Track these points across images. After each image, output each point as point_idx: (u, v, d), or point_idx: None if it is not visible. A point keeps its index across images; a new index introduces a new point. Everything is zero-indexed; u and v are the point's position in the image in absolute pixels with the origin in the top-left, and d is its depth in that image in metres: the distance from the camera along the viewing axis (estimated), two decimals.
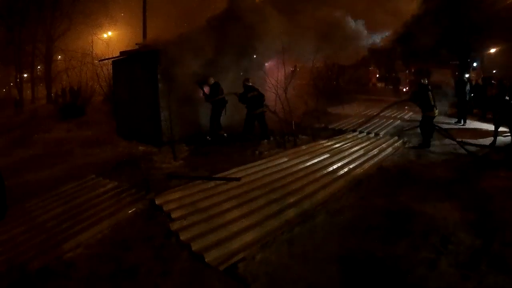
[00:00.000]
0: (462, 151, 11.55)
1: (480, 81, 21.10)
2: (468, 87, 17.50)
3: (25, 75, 43.37)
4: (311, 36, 13.70)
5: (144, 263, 5.25)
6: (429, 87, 12.63)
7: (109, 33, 42.72)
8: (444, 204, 7.19)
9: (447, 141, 12.62)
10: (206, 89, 13.17)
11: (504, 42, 26.06)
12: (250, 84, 13.23)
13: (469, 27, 24.12)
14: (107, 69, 22.24)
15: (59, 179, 9.26)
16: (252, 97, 13.05)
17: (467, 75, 18.57)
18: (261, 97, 13.23)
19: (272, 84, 12.79)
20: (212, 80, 13.09)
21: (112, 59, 16.35)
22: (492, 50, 29.99)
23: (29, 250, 5.56)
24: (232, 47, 13.42)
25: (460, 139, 12.40)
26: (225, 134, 13.30)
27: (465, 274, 4.83)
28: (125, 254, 5.50)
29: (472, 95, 18.08)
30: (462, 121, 16.89)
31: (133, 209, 7.02)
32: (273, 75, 13.51)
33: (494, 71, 28.08)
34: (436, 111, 12.56)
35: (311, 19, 13.83)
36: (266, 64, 16.26)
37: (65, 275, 4.98)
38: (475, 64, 29.53)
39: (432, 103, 12.29)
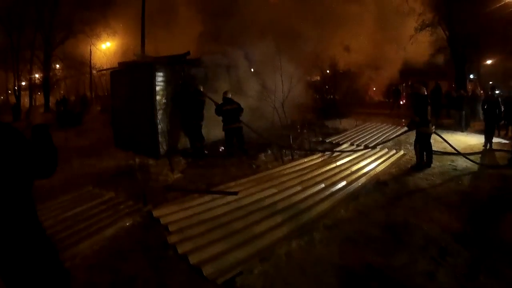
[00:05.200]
0: (462, 164, 11.57)
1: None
2: (500, 106, 15.02)
3: (24, 83, 43.37)
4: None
5: (141, 275, 5.22)
6: (428, 100, 11.39)
7: (108, 44, 42.76)
8: (443, 216, 7.24)
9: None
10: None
11: (500, 54, 26.17)
12: (229, 96, 12.85)
13: (465, 38, 24.24)
14: (105, 80, 22.25)
15: (56, 188, 9.23)
16: (226, 111, 12.63)
17: (497, 91, 17.35)
18: (237, 111, 12.74)
19: (270, 97, 12.78)
20: (200, 87, 13.07)
21: (110, 70, 16.38)
22: (489, 61, 30.12)
23: None
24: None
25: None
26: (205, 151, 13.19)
27: (464, 285, 4.83)
28: (122, 266, 5.46)
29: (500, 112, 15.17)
30: (488, 145, 14.49)
31: (130, 221, 7.01)
32: (271, 88, 13.50)
33: (490, 82, 28.19)
34: (433, 128, 11.41)
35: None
36: (264, 76, 16.29)
37: None
38: (471, 76, 29.62)
39: (429, 117, 11.21)
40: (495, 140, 14.81)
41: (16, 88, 41.38)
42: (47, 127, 3.49)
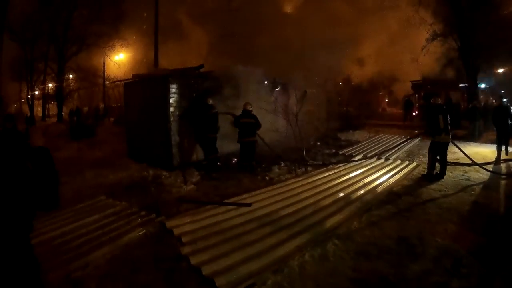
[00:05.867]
0: (474, 175, 11.50)
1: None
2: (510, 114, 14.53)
3: (37, 92, 43.87)
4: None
5: (153, 285, 5.24)
6: (442, 108, 11.46)
7: (121, 56, 43.05)
8: (456, 227, 7.23)
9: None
10: None
11: None
12: (249, 109, 12.78)
13: (477, 48, 24.11)
14: (118, 91, 22.36)
15: (69, 199, 9.27)
16: (243, 124, 12.57)
17: (504, 99, 17.13)
18: (254, 126, 12.67)
19: (283, 110, 12.76)
20: (210, 101, 12.87)
21: (124, 81, 16.46)
22: (500, 70, 29.88)
23: None
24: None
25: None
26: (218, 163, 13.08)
27: None
28: (134, 276, 5.48)
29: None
30: (504, 153, 14.26)
31: (143, 232, 7.03)
32: (284, 101, 13.49)
33: (502, 91, 27.99)
34: (446, 137, 11.27)
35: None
36: (277, 89, 16.28)
37: None
38: (483, 86, 29.41)
39: (442, 126, 11.12)
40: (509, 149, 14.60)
41: (29, 97, 41.85)
42: (48, 152, 3.35)
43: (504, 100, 16.75)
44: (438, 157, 11.47)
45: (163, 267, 5.73)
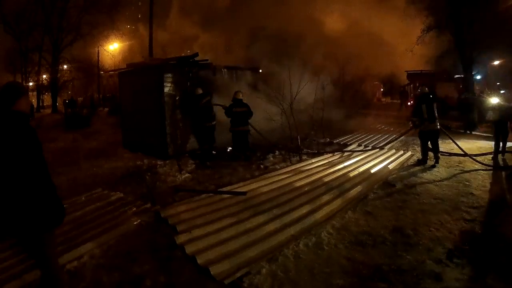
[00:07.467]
0: (469, 165, 11.52)
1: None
2: None
3: (31, 84, 43.76)
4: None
5: (149, 275, 5.22)
6: (427, 98, 11.71)
7: (115, 45, 42.91)
8: (450, 217, 7.20)
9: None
10: None
11: (508, 54, 25.90)
12: (240, 97, 12.76)
13: (473, 40, 24.04)
14: (113, 81, 22.32)
15: (64, 190, 9.25)
16: (236, 113, 12.58)
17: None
18: (246, 114, 12.70)
19: (278, 99, 12.75)
20: (199, 91, 12.74)
21: (119, 71, 16.42)
22: (496, 62, 29.80)
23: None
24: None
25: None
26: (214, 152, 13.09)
27: (471, 287, 4.81)
28: (130, 266, 5.48)
29: None
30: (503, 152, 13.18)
31: (138, 221, 7.02)
32: (279, 90, 13.44)
33: (498, 83, 27.96)
34: (431, 125, 11.57)
35: None
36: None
37: (69, 285, 4.96)
38: (479, 77, 29.32)
39: (426, 116, 11.50)
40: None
41: None
42: None
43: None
44: (430, 146, 11.68)
45: (158, 257, 5.73)
